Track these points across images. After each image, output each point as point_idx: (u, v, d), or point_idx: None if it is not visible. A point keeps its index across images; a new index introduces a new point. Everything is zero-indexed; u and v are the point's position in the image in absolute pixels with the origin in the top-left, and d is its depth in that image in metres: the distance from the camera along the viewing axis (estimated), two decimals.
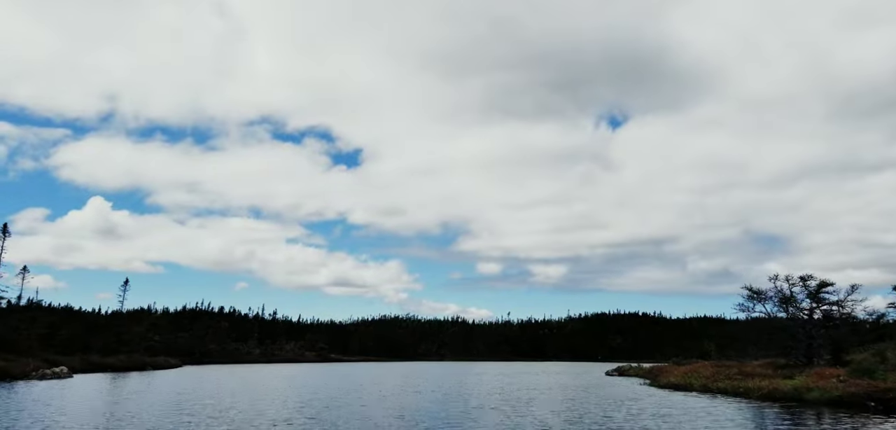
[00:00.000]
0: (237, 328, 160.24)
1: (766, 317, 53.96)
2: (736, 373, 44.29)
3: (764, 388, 36.52)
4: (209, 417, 26.05)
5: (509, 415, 27.86)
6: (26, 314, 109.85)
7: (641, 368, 74.63)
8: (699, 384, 43.85)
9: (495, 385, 51.30)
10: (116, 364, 72.90)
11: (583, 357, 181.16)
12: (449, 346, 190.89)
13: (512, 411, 29.80)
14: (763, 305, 54.12)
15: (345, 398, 37.21)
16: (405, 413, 28.34)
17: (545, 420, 25.81)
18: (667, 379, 49.50)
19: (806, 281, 51.22)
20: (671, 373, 52.68)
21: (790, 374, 41.70)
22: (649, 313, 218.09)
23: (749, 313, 54.72)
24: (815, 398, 32.09)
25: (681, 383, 46.33)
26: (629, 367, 78.51)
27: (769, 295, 53.61)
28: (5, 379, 47.88)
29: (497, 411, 29.81)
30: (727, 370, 46.18)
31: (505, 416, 27.54)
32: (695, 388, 43.45)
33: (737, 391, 38.68)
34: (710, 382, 43.30)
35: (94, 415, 26.23)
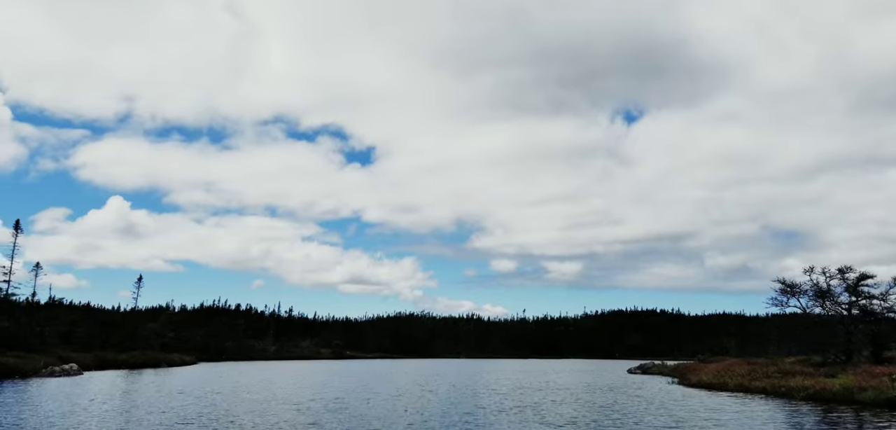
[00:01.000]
0: (253, 325, 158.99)
1: (802, 312, 51.09)
2: (774, 371, 41.49)
3: (809, 388, 33.78)
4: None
5: (533, 420, 25.45)
6: (47, 312, 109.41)
7: (665, 366, 71.86)
8: (734, 383, 41.13)
9: (514, 384, 48.88)
10: (130, 361, 71.31)
11: (599, 355, 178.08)
12: (464, 343, 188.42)
13: (534, 416, 27.39)
14: (798, 299, 51.30)
15: (359, 396, 35.01)
16: (423, 416, 26.04)
17: (577, 425, 23.37)
18: (698, 378, 46.78)
19: (844, 274, 48.32)
20: (702, 371, 49.91)
21: (832, 372, 38.95)
22: (667, 310, 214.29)
23: (783, 307, 51.89)
24: (869, 400, 29.35)
25: (714, 381, 43.62)
26: (652, 364, 75.70)
27: (804, 289, 50.79)
28: (15, 376, 46.32)
29: (519, 413, 27.41)
30: (764, 368, 43.36)
31: (530, 420, 25.14)
32: (730, 387, 40.76)
33: (778, 391, 35.98)
34: (746, 381, 40.58)
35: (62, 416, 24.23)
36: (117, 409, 27.07)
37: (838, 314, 48.06)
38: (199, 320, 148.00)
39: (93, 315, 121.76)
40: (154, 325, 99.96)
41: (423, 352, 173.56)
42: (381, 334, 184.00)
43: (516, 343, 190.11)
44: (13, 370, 47.28)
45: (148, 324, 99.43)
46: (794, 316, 53.40)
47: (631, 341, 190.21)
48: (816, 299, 50.21)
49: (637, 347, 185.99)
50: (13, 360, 49.03)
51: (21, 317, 66.46)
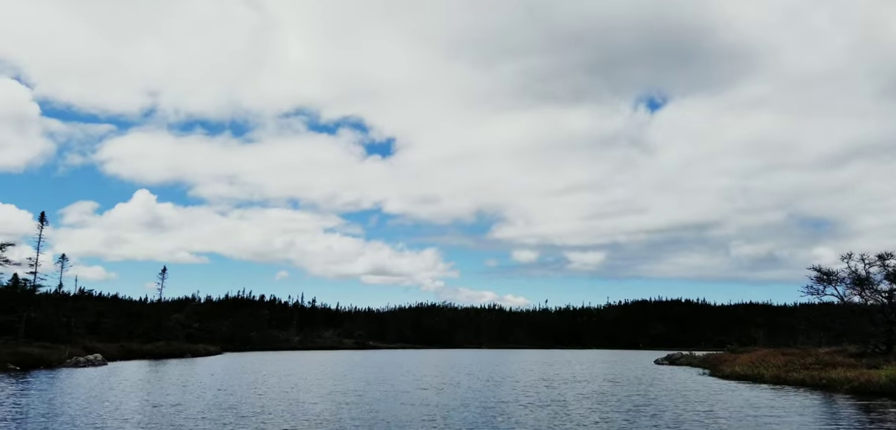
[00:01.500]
0: (277, 316, 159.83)
1: (839, 301, 49.03)
2: (812, 362, 39.69)
3: (852, 380, 32.00)
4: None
5: (562, 415, 24.20)
6: (76, 303, 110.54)
7: (694, 356, 70.00)
8: (770, 374, 39.41)
9: (539, 376, 47.63)
10: (155, 351, 71.47)
11: (622, 345, 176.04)
12: (486, 334, 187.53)
13: (563, 411, 26.12)
14: (834, 287, 49.26)
15: (380, 388, 34.07)
16: (443, 411, 24.93)
17: (610, 421, 22.07)
18: (731, 369, 45.05)
19: (884, 261, 46.17)
20: (734, 362, 48.15)
21: (874, 363, 37.09)
22: (691, 300, 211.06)
23: (819, 296, 49.85)
24: None
25: (748, 373, 41.88)
26: (680, 355, 73.82)
27: (841, 277, 48.74)
28: (40, 366, 46.30)
29: (545, 408, 26.17)
30: (801, 359, 41.54)
31: (558, 416, 23.88)
32: (766, 379, 39.05)
33: (818, 383, 34.26)
34: (783, 372, 38.85)
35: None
36: (141, 398, 26.48)
37: (879, 303, 45.95)
38: (224, 310, 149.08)
39: (120, 306, 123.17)
40: (179, 316, 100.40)
41: (445, 342, 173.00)
42: (403, 324, 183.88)
43: (538, 334, 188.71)
44: (39, 360, 47.27)
45: (173, 315, 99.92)
46: (830, 305, 51.37)
47: (655, 331, 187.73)
48: (854, 287, 48.14)
49: (661, 337, 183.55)
50: (39, 350, 49.06)
51: (48, 308, 66.76)
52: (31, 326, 57.75)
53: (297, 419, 21.34)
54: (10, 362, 44.30)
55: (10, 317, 56.01)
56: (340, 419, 21.30)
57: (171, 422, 20.11)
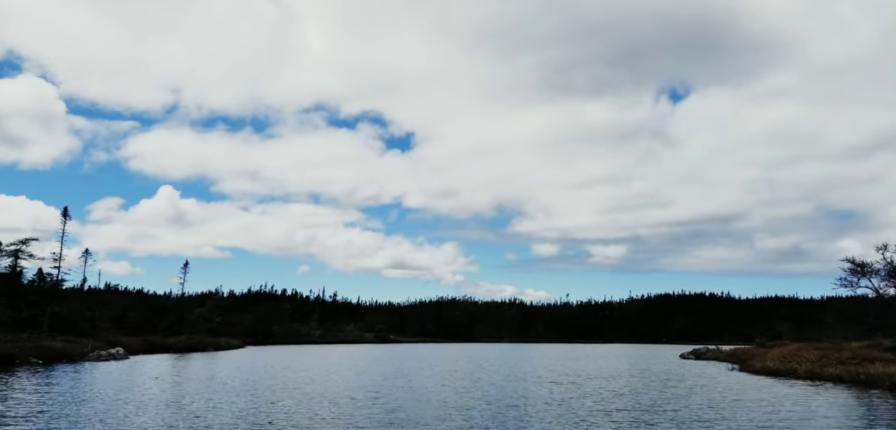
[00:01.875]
0: (299, 310, 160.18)
1: (875, 293, 47.19)
2: (849, 357, 38.08)
3: (894, 375, 30.47)
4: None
5: (593, 414, 23.14)
6: (101, 298, 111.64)
7: (720, 351, 68.31)
8: (804, 369, 37.90)
9: (564, 371, 46.52)
10: (177, 345, 71.59)
11: (645, 339, 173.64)
12: (507, 327, 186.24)
13: (596, 407, 25.03)
14: (869, 279, 47.43)
15: (400, 384, 33.28)
16: (466, 412, 24.02)
17: (645, 422, 20.98)
18: (762, 364, 43.54)
19: None
20: (765, 357, 46.59)
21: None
22: (715, 293, 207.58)
23: (853, 288, 48.05)
24: None
25: (780, 368, 40.39)
26: (706, 349, 72.14)
27: (876, 268, 46.89)
28: (63, 360, 46.36)
29: (569, 407, 25.10)
30: (836, 354, 39.93)
31: (590, 416, 22.82)
32: (799, 374, 37.57)
33: (856, 379, 32.75)
34: (817, 367, 37.33)
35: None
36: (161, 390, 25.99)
37: None
38: (246, 305, 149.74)
39: (144, 301, 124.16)
40: (201, 310, 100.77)
41: (465, 336, 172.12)
42: (423, 318, 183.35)
43: (560, 328, 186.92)
44: (61, 353, 47.36)
45: (195, 309, 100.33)
46: (863, 298, 49.60)
47: (678, 325, 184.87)
48: (890, 278, 46.30)
49: (685, 331, 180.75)
50: (62, 344, 49.19)
51: (72, 302, 67.16)
52: (56, 320, 58.04)
53: (323, 416, 20.61)
54: (33, 355, 44.39)
55: (35, 311, 56.30)
56: (358, 419, 20.53)
57: (189, 421, 19.48)
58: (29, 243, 56.29)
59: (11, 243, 56.74)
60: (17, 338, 46.77)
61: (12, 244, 56.81)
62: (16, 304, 53.26)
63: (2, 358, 42.02)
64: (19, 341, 46.20)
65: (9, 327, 50.27)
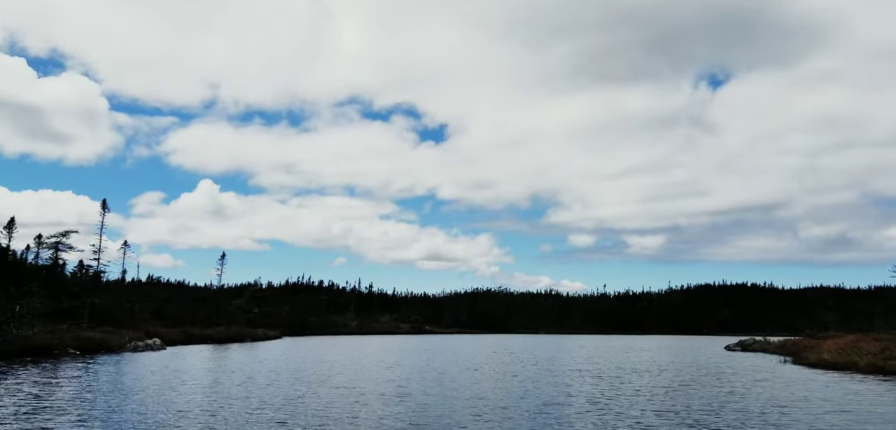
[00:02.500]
0: (335, 301, 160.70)
1: None
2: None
3: None
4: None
5: (646, 416, 21.24)
6: (143, 290, 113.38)
7: (768, 342, 65.18)
8: (865, 362, 35.21)
9: (606, 365, 44.51)
10: (215, 336, 71.68)
11: (685, 330, 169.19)
12: (543, 319, 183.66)
13: (649, 406, 23.11)
14: None
15: (434, 378, 31.83)
16: (503, 407, 22.36)
17: (702, 423, 19.03)
18: (817, 357, 40.80)
19: None
20: (819, 349, 43.74)
21: None
22: (758, 284, 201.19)
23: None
24: None
25: (838, 361, 37.69)
26: (753, 341, 68.99)
27: None
28: (100, 351, 46.34)
29: (611, 406, 23.21)
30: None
31: (642, 418, 20.93)
32: (860, 367, 34.89)
33: None
34: (880, 360, 34.59)
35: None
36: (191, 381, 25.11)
37: None
38: (284, 296, 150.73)
39: (185, 292, 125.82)
40: (239, 301, 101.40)
41: (501, 328, 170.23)
42: (458, 309, 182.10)
43: (597, 319, 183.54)
44: (100, 344, 47.39)
45: (233, 300, 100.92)
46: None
47: (720, 316, 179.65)
48: None
49: (726, 322, 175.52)
50: (100, 335, 49.26)
51: (112, 294, 67.71)
52: (96, 311, 58.39)
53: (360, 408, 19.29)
54: (71, 346, 44.40)
55: (76, 303, 56.68)
56: (386, 418, 19.12)
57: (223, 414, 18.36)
58: (69, 235, 56.64)
59: (52, 235, 57.22)
60: (56, 329, 46.92)
61: (53, 237, 57.31)
62: (56, 295, 53.60)
63: (40, 349, 42.05)
64: (58, 332, 46.31)
65: (49, 318, 50.57)
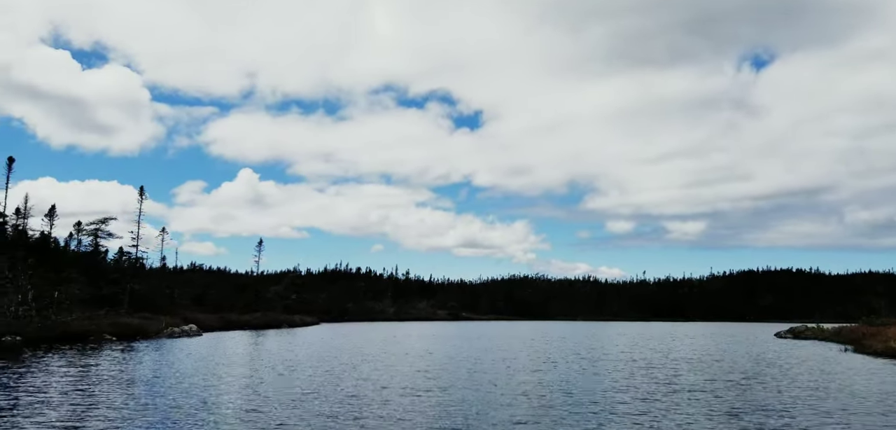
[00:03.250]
0: (373, 288, 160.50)
1: None
2: None
3: None
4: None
5: (713, 417, 18.94)
6: (185, 276, 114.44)
7: (821, 329, 61.47)
8: None
9: (652, 351, 42.02)
10: (253, 322, 71.33)
11: (727, 317, 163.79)
12: (581, 306, 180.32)
13: (708, 410, 20.79)
14: None
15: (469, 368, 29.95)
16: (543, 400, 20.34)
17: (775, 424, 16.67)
18: (884, 345, 37.55)
19: None
20: (882, 336, 40.41)
21: None
22: (803, 269, 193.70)
23: None
24: None
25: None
26: (805, 328, 65.28)
27: None
28: (137, 337, 45.95)
29: (676, 402, 20.93)
30: None
31: (714, 418, 18.65)
32: None
33: None
34: None
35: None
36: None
37: None
38: (322, 283, 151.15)
39: (225, 279, 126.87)
40: (278, 287, 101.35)
41: (538, 314, 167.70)
42: (495, 296, 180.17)
43: (636, 306, 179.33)
44: (137, 330, 47.05)
45: (271, 287, 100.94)
46: None
47: (763, 302, 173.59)
48: None
49: (771, 309, 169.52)
50: (138, 321, 48.97)
51: (152, 280, 67.84)
52: (135, 297, 58.37)
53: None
54: (108, 332, 44.06)
55: (115, 289, 56.67)
56: (415, 417, 17.33)
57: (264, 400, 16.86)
58: (108, 222, 56.59)
59: (91, 222, 57.30)
60: (94, 315, 46.70)
61: (92, 224, 57.39)
62: (96, 282, 53.58)
63: (77, 334, 41.77)
64: (96, 317, 46.07)
65: (89, 304, 50.54)
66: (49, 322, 42.44)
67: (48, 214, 58.72)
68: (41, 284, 46.53)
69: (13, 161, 51.37)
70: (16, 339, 39.00)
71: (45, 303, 44.67)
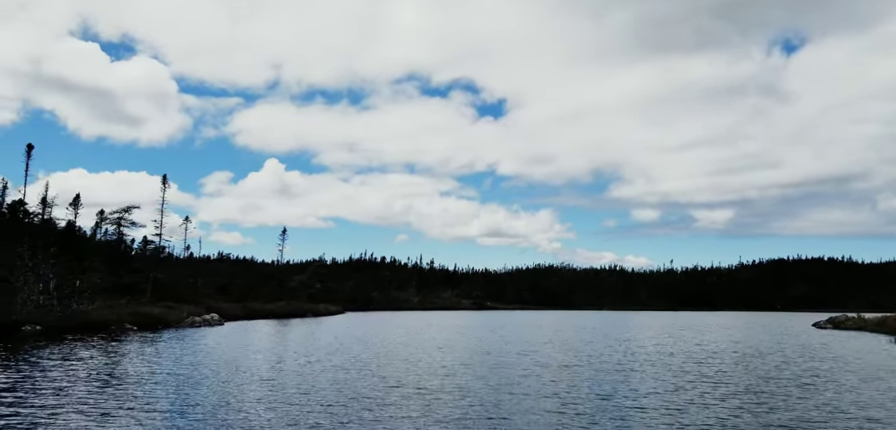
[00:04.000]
0: (397, 277, 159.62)
1: None
2: None
3: None
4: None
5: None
6: (211, 266, 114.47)
7: (862, 319, 58.24)
8: None
9: (691, 346, 39.65)
10: (276, 311, 70.35)
11: (757, 307, 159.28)
12: (607, 295, 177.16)
13: (764, 415, 18.52)
14: None
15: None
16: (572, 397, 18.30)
17: None
18: None
19: None
20: None
21: None
22: (835, 258, 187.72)
23: None
24: None
25: None
26: (845, 318, 61.98)
27: None
28: (158, 326, 45.00)
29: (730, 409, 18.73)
30: None
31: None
32: None
33: None
34: None
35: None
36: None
37: None
38: (347, 272, 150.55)
39: (251, 268, 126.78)
40: (302, 276, 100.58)
41: (564, 304, 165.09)
42: (520, 285, 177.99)
43: (663, 295, 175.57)
44: (157, 319, 46.14)
45: (296, 276, 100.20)
46: None
47: (795, 292, 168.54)
48: None
49: (802, 298, 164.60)
50: (159, 310, 48.06)
51: (175, 269, 67.15)
52: (159, 286, 57.61)
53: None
54: (129, 321, 43.16)
55: (138, 278, 55.93)
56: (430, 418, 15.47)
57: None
58: (131, 210, 55.79)
59: (114, 210, 56.60)
60: (115, 304, 45.87)
61: (115, 212, 56.68)
62: (118, 270, 52.85)
63: (97, 324, 40.89)
64: (117, 307, 45.22)
65: (112, 293, 49.81)
66: (69, 311, 41.66)
67: (72, 202, 58.18)
68: (64, 273, 45.86)
69: (32, 148, 50.75)
70: (35, 328, 38.27)
71: (66, 292, 43.95)
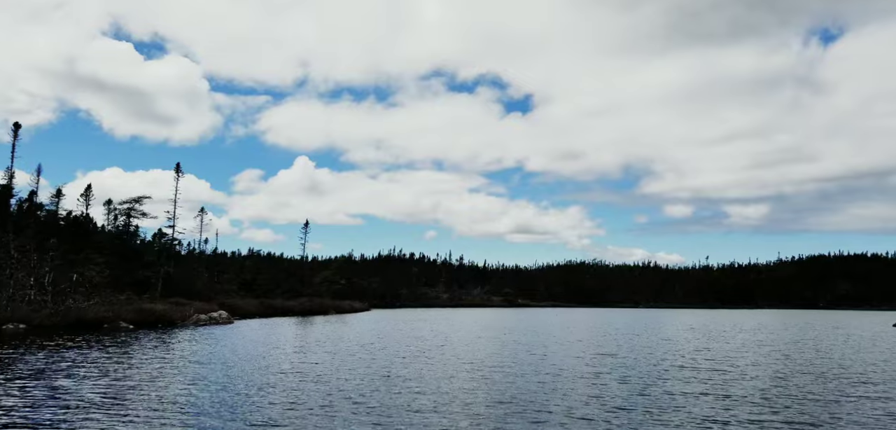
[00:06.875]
0: (426, 273, 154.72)
1: None
2: None
3: None
4: None
5: None
6: (235, 261, 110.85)
7: None
8: None
9: (758, 353, 33.34)
10: (296, 308, 65.66)
11: (798, 304, 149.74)
12: (642, 292, 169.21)
13: None
14: None
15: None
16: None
17: None
18: None
19: None
20: None
21: None
22: (880, 254, 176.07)
23: None
24: None
25: None
26: None
27: None
28: (159, 324, 40.52)
29: None
30: None
31: None
32: None
33: None
34: None
35: None
36: None
37: None
38: (375, 268, 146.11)
39: (277, 265, 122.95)
40: (327, 273, 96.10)
41: (596, 301, 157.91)
42: (551, 282, 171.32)
43: (700, 292, 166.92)
44: (159, 317, 41.64)
45: (321, 272, 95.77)
46: None
47: (839, 289, 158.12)
48: None
49: (847, 296, 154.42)
50: (162, 307, 43.55)
51: (190, 264, 63.02)
52: (170, 281, 53.38)
53: None
54: (127, 319, 38.70)
55: (148, 272, 51.75)
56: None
57: None
58: (142, 201, 51.66)
59: (124, 201, 52.59)
60: (115, 300, 41.51)
61: (125, 203, 52.66)
62: (128, 264, 48.70)
63: (90, 322, 36.54)
64: (116, 303, 40.85)
65: (119, 287, 45.65)
66: (62, 308, 37.41)
67: (83, 194, 54.34)
68: (64, 267, 41.76)
69: (19, 127, 46.83)
70: (18, 327, 34.00)
71: (62, 287, 39.80)
